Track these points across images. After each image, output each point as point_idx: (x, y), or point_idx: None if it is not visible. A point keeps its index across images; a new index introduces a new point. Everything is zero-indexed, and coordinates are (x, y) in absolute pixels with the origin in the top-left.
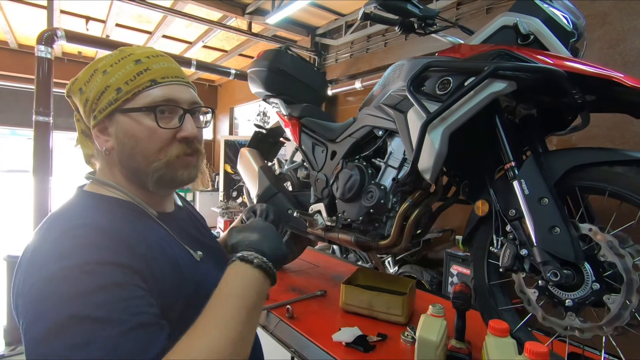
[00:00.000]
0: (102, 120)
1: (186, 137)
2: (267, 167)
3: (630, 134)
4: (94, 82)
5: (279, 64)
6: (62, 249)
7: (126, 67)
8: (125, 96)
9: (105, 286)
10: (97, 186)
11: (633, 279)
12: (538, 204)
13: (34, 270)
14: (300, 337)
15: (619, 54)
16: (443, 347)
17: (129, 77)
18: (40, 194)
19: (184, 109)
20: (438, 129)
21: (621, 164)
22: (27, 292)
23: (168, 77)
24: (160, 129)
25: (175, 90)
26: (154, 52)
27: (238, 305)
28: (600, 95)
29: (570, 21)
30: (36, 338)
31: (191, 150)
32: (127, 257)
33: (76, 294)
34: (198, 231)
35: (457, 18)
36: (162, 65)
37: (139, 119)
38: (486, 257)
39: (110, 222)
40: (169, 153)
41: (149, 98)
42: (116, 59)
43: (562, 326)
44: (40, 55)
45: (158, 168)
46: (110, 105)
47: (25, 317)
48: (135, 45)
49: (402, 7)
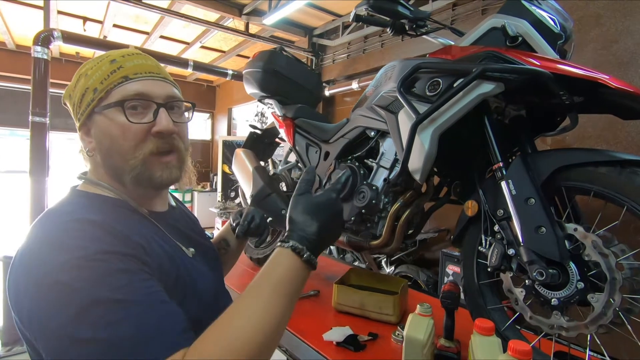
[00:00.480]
0: (84, 122)
1: (160, 132)
2: (261, 168)
3: (623, 134)
4: (78, 86)
5: (274, 65)
6: (64, 244)
7: (102, 68)
8: (100, 95)
9: (115, 271)
10: (89, 185)
11: (616, 278)
12: (525, 204)
13: (37, 266)
14: (291, 337)
15: (612, 55)
16: (430, 346)
17: (104, 76)
18: (36, 195)
19: (157, 103)
20: (428, 129)
21: (605, 165)
22: (35, 289)
23: (140, 73)
24: (132, 124)
25: (148, 85)
26: (130, 52)
27: (285, 295)
28: (587, 97)
29: (557, 23)
30: (61, 327)
31: (168, 145)
32: (125, 247)
33: (92, 281)
34: (191, 230)
35: (453, 19)
36: (135, 62)
37: (112, 116)
38: (475, 256)
39: (104, 218)
40: (144, 149)
41: (120, 94)
42: (96, 62)
43: (549, 325)
44: (37, 56)
45: (135, 166)
46: (88, 106)
47: (40, 311)
48: (120, 49)
49: (393, 9)
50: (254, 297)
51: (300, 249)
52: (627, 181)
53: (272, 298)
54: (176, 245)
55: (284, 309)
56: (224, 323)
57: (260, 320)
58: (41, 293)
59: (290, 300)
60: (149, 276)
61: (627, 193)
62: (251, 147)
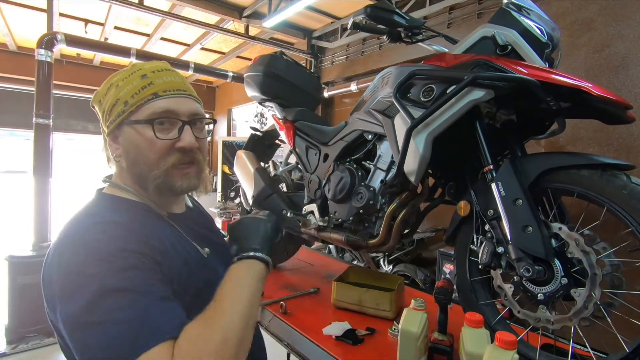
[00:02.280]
0: (113, 130)
1: (184, 148)
2: (262, 169)
3: (615, 135)
4: (109, 95)
5: (274, 68)
6: (90, 242)
7: (133, 82)
8: (131, 108)
9: (129, 267)
10: (114, 189)
11: (597, 273)
12: (513, 204)
13: (66, 261)
14: (293, 332)
15: (604, 59)
16: (424, 339)
17: (135, 90)
18: (40, 195)
19: (182, 120)
20: (422, 134)
21: (587, 168)
22: (62, 280)
23: (169, 90)
24: (158, 139)
25: (176, 103)
26: (160, 67)
27: (245, 291)
28: (573, 103)
29: (545, 33)
30: (77, 310)
31: (189, 159)
32: (144, 247)
33: (106, 273)
34: (207, 230)
35: (449, 22)
36: (165, 79)
37: (140, 130)
38: (468, 254)
39: (127, 220)
40: (167, 162)
41: (150, 110)
42: (127, 74)
43: (535, 318)
44: (41, 59)
45: (157, 176)
46: (119, 116)
47: (62, 298)
48: (150, 62)
49: (390, 18)
50: (226, 300)
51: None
52: (607, 183)
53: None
54: (192, 245)
55: (252, 303)
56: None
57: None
58: (67, 284)
59: (254, 296)
60: (161, 276)
61: (607, 194)
62: (252, 148)
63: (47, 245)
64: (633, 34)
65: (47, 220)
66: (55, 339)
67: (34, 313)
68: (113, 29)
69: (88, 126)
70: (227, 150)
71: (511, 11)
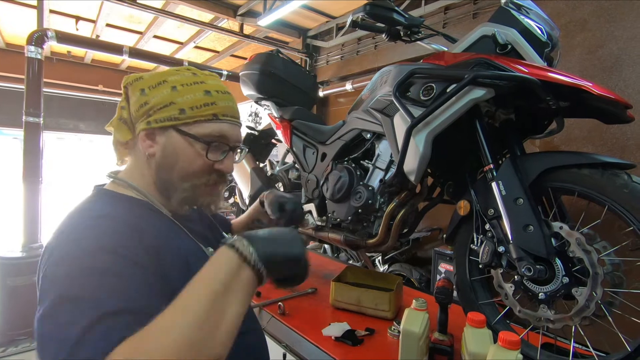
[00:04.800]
0: (155, 128)
1: (222, 171)
2: (259, 169)
3: (608, 135)
4: (160, 92)
5: (271, 67)
6: (85, 238)
7: (196, 94)
8: (187, 119)
9: (102, 272)
10: (116, 186)
11: (598, 273)
12: (514, 204)
13: (61, 258)
14: (291, 333)
15: (597, 59)
16: (425, 339)
17: (196, 104)
18: (30, 195)
19: (230, 146)
20: (422, 132)
21: (588, 167)
22: (59, 279)
23: (228, 116)
24: (205, 158)
25: (230, 129)
26: (222, 88)
27: (203, 289)
28: (572, 102)
29: (544, 32)
30: (40, 312)
31: (222, 180)
32: (139, 242)
33: (74, 277)
34: (209, 230)
35: (445, 22)
36: (226, 103)
37: (191, 143)
38: (467, 254)
39: (120, 213)
40: (202, 180)
41: (208, 130)
42: (188, 81)
43: (536, 318)
44: (30, 56)
45: (186, 189)
46: (169, 120)
47: (41, 290)
48: (207, 73)
49: (389, 16)
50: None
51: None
52: (607, 182)
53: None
54: (195, 243)
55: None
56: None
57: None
58: (63, 282)
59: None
60: (139, 278)
61: (607, 193)
62: (248, 148)
63: (38, 246)
64: (626, 35)
65: (37, 220)
66: None
67: (24, 315)
68: (105, 26)
69: (79, 125)
70: None
71: (511, 10)
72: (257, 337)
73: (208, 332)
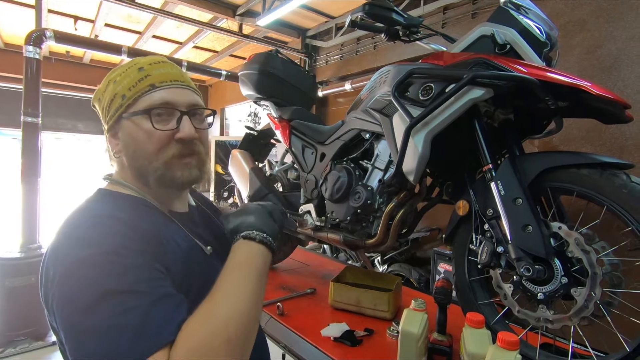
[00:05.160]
0: (112, 125)
1: (182, 138)
2: (257, 169)
3: (607, 135)
4: (107, 91)
5: (270, 67)
6: (88, 239)
7: (130, 75)
8: (128, 101)
9: (130, 267)
10: (115, 185)
11: (597, 273)
12: (513, 204)
13: (63, 260)
14: (290, 334)
15: (596, 59)
16: (424, 339)
17: (132, 83)
18: (28, 195)
19: (181, 111)
20: (421, 133)
21: (587, 167)
22: (60, 279)
23: (166, 82)
24: (157, 130)
25: (174, 94)
26: (157, 60)
27: (251, 273)
28: (571, 102)
29: (543, 32)
30: (76, 313)
31: (189, 151)
32: (145, 244)
33: (107, 274)
34: (209, 228)
35: (444, 22)
36: (161, 70)
37: (138, 122)
38: (466, 254)
39: (126, 215)
40: (167, 153)
41: (148, 102)
42: (124, 69)
43: (535, 318)
44: (29, 56)
45: (157, 168)
46: (117, 111)
47: (60, 299)
48: (147, 56)
49: (388, 16)
50: (228, 283)
51: (250, 234)
52: (606, 182)
53: (246, 280)
54: (194, 242)
55: (256, 286)
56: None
57: (239, 300)
58: (65, 285)
59: (259, 278)
60: (162, 274)
61: (606, 193)
62: (247, 148)
63: (37, 247)
64: (625, 35)
65: (35, 221)
66: (44, 343)
67: (22, 316)
68: (104, 26)
69: (77, 125)
70: (220, 150)
71: (510, 10)
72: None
73: (259, 308)
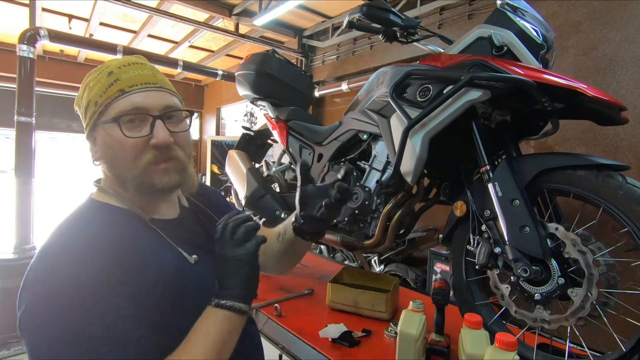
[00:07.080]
0: (90, 132)
1: (157, 144)
2: (255, 169)
3: (601, 136)
4: (84, 97)
5: (267, 67)
6: (66, 262)
7: (101, 81)
8: (100, 109)
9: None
10: (101, 194)
11: (593, 273)
12: (510, 205)
13: (42, 277)
14: (287, 335)
15: (591, 61)
16: (423, 340)
17: (102, 89)
18: (22, 196)
19: (153, 115)
20: (419, 134)
21: (583, 168)
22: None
23: (136, 85)
24: (128, 139)
25: (144, 97)
26: (127, 61)
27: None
28: (567, 104)
29: (540, 34)
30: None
31: (166, 156)
32: (118, 267)
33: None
34: (204, 230)
35: (440, 23)
36: (131, 73)
37: (110, 131)
38: (464, 255)
39: (105, 233)
40: (143, 160)
41: (117, 109)
42: (97, 73)
43: (532, 318)
44: (22, 55)
45: (135, 175)
46: (91, 118)
47: (29, 319)
48: (119, 58)
49: (385, 17)
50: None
51: (225, 303)
52: (602, 184)
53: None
54: (176, 251)
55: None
56: None
57: None
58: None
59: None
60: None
61: (602, 195)
62: (244, 148)
63: (30, 248)
64: (619, 37)
65: (29, 222)
66: None
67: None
68: (98, 25)
69: (72, 125)
70: (216, 150)
71: (507, 12)
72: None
73: None
